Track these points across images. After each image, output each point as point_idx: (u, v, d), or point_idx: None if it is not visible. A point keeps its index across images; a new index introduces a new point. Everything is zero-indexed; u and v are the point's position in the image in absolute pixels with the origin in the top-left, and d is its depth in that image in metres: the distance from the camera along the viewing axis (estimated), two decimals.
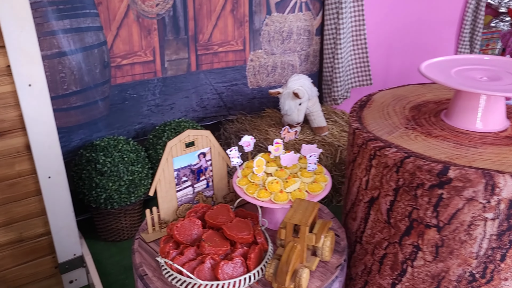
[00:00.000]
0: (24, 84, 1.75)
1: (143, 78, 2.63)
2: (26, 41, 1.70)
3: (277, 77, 3.10)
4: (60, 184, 1.97)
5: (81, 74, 2.40)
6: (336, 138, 2.82)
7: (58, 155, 1.92)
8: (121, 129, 2.66)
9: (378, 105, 1.55)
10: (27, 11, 1.66)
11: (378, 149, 1.26)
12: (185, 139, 1.40)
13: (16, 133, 1.81)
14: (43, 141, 1.86)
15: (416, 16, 3.41)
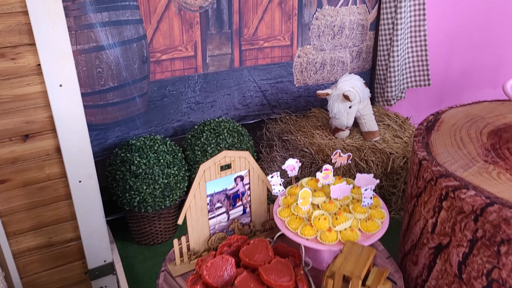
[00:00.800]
0: (55, 84, 1.63)
1: (183, 74, 2.48)
2: (58, 38, 1.58)
3: (325, 74, 2.88)
4: (90, 189, 1.86)
5: (119, 69, 2.28)
6: (388, 144, 2.58)
7: (90, 159, 1.81)
8: (159, 126, 2.54)
9: (449, 127, 1.31)
10: (59, 6, 1.54)
11: (451, 190, 1.04)
12: (221, 161, 1.24)
13: (46, 135, 1.71)
14: (74, 143, 1.75)
15: (487, 6, 3.06)
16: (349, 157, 1.51)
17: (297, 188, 1.42)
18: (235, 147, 2.41)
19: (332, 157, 1.50)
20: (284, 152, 2.56)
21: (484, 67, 3.27)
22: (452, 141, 1.23)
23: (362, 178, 1.36)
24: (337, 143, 2.55)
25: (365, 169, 2.46)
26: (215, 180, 1.25)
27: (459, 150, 1.18)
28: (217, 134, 2.41)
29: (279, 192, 1.36)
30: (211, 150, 2.37)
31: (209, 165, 1.21)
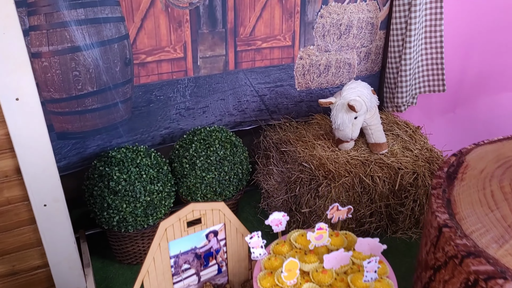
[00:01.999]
0: (10, 98, 1.41)
1: (172, 77, 2.24)
2: (11, 45, 1.34)
3: (330, 77, 2.62)
4: (58, 213, 1.65)
5: (98, 73, 2.05)
6: (397, 158, 2.33)
7: (55, 180, 1.59)
8: (145, 134, 2.31)
9: (476, 175, 1.05)
10: (11, 8, 1.30)
11: (483, 279, 0.80)
12: (187, 216, 1.01)
13: (3, 154, 1.49)
14: (36, 163, 1.53)
15: (507, 5, 2.78)
16: (350, 210, 1.27)
17: (284, 245, 1.19)
18: (227, 160, 2.18)
19: (328, 212, 1.26)
20: (282, 165, 2.33)
21: (503, 70, 2.99)
22: (481, 198, 0.97)
23: (364, 243, 1.12)
24: (340, 156, 2.31)
25: (371, 186, 2.22)
26: (181, 239, 1.03)
27: (490, 213, 0.93)
28: (207, 145, 2.17)
29: (260, 257, 1.13)
30: (200, 163, 2.14)
31: (171, 222, 0.99)
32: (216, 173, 2.15)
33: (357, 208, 2.28)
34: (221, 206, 1.05)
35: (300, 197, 2.19)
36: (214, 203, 1.04)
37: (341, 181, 2.18)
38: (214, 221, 1.08)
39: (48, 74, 1.96)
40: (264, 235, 2.41)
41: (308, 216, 2.21)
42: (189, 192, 2.21)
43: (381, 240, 2.43)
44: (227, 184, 2.20)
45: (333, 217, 1.25)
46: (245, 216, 2.56)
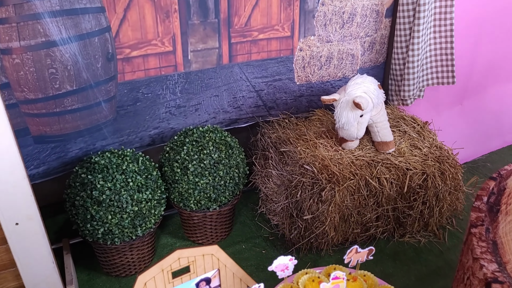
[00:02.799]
0: None
1: (160, 73, 2.05)
2: None
3: (332, 70, 2.43)
4: (32, 232, 1.47)
5: (78, 70, 1.85)
6: (405, 157, 2.16)
7: (28, 197, 1.41)
8: (132, 135, 2.12)
9: None
10: None
11: None
12: (172, 266, 0.83)
13: None
14: (4, 179, 1.34)
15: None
16: (371, 251, 1.10)
17: None
18: (222, 164, 2.00)
19: (346, 256, 1.09)
20: (282, 167, 2.15)
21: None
22: None
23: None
24: (345, 156, 2.13)
25: (377, 188, 2.05)
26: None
27: None
28: (200, 147, 1.99)
29: None
30: (193, 167, 1.95)
31: (152, 274, 0.82)
32: (210, 178, 1.97)
33: (363, 212, 2.12)
34: (215, 250, 0.87)
35: (302, 202, 2.02)
36: (205, 247, 0.87)
37: (346, 184, 2.01)
38: (206, 268, 0.90)
39: (21, 72, 1.76)
40: (263, 241, 2.26)
41: (310, 223, 2.04)
42: (181, 198, 2.03)
43: (388, 245, 2.30)
44: (222, 189, 2.02)
45: (351, 261, 1.08)
46: (242, 219, 2.39)
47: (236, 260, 2.13)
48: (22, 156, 1.40)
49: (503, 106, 2.96)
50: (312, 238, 2.09)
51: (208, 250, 0.86)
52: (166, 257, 0.80)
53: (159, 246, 2.21)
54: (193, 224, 2.14)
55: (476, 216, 0.85)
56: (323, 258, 2.16)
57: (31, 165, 1.94)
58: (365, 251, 1.07)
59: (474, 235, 0.81)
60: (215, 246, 0.86)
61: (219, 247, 0.87)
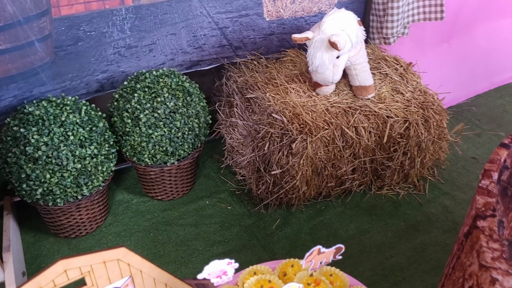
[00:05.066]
0: None
1: (104, 7, 1.74)
2: None
3: (306, 4, 2.14)
4: None
5: (1, 3, 1.54)
6: (385, 104, 1.95)
7: None
8: (76, 80, 1.84)
9: None
10: None
11: None
12: (56, 282, 0.60)
13: None
14: None
15: None
16: (339, 250, 0.89)
17: None
18: (179, 113, 1.76)
19: (304, 261, 0.87)
20: (248, 116, 1.92)
21: None
22: None
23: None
24: (319, 103, 1.91)
25: (354, 139, 1.85)
26: None
27: None
28: (153, 95, 1.73)
29: None
30: (145, 118, 1.71)
31: None
32: (165, 130, 1.74)
33: (338, 165, 1.93)
34: (121, 254, 0.65)
35: (270, 156, 1.81)
36: (106, 252, 0.63)
37: (320, 135, 1.80)
38: (111, 278, 0.69)
39: None
40: (229, 195, 2.08)
41: (280, 178, 1.85)
42: (134, 152, 1.80)
43: (365, 198, 2.14)
44: (180, 142, 1.79)
45: (312, 264, 0.88)
46: (207, 172, 2.19)
47: (199, 217, 1.96)
48: None
49: (492, 44, 2.73)
50: (281, 193, 1.91)
51: (111, 255, 0.64)
52: (45, 270, 0.58)
53: (114, 203, 2.01)
54: (150, 179, 1.93)
55: (484, 202, 0.63)
56: (294, 214, 1.99)
57: None
58: (331, 251, 0.86)
59: (482, 230, 0.60)
60: (122, 249, 0.65)
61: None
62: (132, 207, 2.00)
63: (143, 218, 1.95)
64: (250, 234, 1.90)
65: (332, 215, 2.00)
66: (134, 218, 1.95)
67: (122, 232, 1.89)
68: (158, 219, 1.95)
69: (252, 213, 1.99)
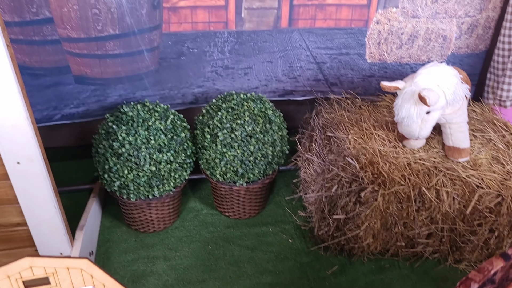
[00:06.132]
0: None
1: (208, 28, 1.87)
2: None
3: (414, 51, 2.05)
4: (33, 174, 1.44)
5: (121, 14, 1.75)
6: (479, 171, 1.77)
7: (29, 138, 1.37)
8: (174, 90, 2.01)
9: None
10: None
11: None
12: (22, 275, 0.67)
13: None
14: (4, 117, 1.31)
15: None
16: None
17: None
18: (255, 138, 1.80)
19: None
20: (325, 154, 1.89)
21: None
22: None
23: None
24: (402, 155, 1.81)
25: (434, 202, 1.71)
26: None
27: None
28: (235, 116, 1.81)
29: None
30: (222, 136, 1.79)
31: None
32: (239, 151, 1.80)
33: (410, 226, 1.80)
34: (84, 264, 0.69)
35: (337, 199, 1.76)
36: (70, 260, 0.69)
37: (394, 189, 1.70)
38: (74, 283, 0.74)
39: (64, 8, 1.71)
40: (293, 228, 2.05)
41: (343, 223, 1.78)
42: (208, 166, 1.89)
43: (437, 268, 1.95)
44: (251, 166, 1.84)
45: None
46: (279, 200, 2.20)
47: (258, 242, 1.98)
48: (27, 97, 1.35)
49: None
50: (343, 240, 1.84)
51: (74, 264, 0.69)
52: (14, 262, 0.66)
53: (186, 209, 2.13)
54: (220, 194, 2.01)
55: None
56: (353, 264, 1.90)
57: (71, 103, 1.93)
58: None
59: None
60: (84, 260, 0.69)
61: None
62: (200, 216, 2.10)
63: (206, 229, 2.03)
64: (302, 272, 1.86)
65: (395, 276, 1.87)
66: (199, 227, 2.04)
67: (184, 238, 1.99)
68: (220, 234, 2.01)
69: (310, 252, 1.94)
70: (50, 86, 1.85)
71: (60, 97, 1.88)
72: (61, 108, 1.91)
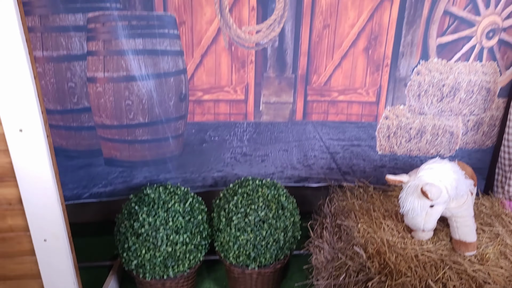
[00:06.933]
0: (14, 128, 1.35)
1: (229, 119, 2.05)
2: (18, 79, 1.28)
3: (423, 145, 2.16)
4: (58, 251, 1.56)
5: (151, 105, 1.95)
6: (486, 266, 1.79)
7: (57, 216, 1.50)
8: (195, 174, 2.15)
9: None
10: (19, 44, 1.24)
11: None
12: None
13: (7, 182, 1.45)
14: (37, 197, 1.46)
15: None
16: None
17: None
18: (268, 223, 1.90)
19: None
20: (335, 241, 1.96)
21: None
22: None
23: None
24: (409, 246, 1.86)
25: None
26: None
27: None
28: (249, 201, 1.92)
29: None
30: (236, 220, 1.89)
31: None
32: (252, 236, 1.89)
33: None
34: None
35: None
36: None
37: (400, 281, 1.73)
38: None
39: (101, 99, 1.92)
40: None
41: None
42: (222, 249, 1.98)
43: None
44: (263, 250, 1.91)
45: None
46: (291, 285, 2.23)
47: None
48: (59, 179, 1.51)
49: None
50: None
51: None
52: None
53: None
54: (233, 277, 2.07)
55: None
56: None
57: (100, 183, 2.09)
58: None
59: None
60: None
61: None
62: None
63: None
64: None
65: None
66: None
67: None
68: None
69: None
70: (82, 167, 2.02)
71: (90, 177, 2.05)
72: (90, 187, 2.07)
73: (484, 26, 1.92)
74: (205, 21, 1.84)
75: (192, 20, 1.85)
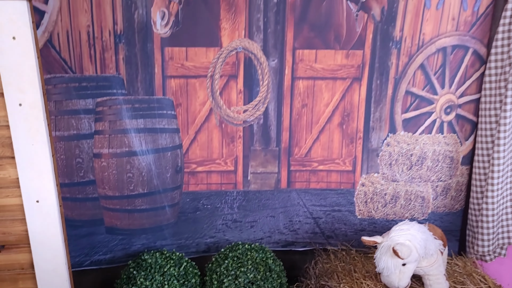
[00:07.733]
0: (32, 199, 1.55)
1: (220, 188, 2.26)
2: (38, 155, 1.51)
3: (398, 209, 2.37)
4: None
5: (150, 177, 2.17)
6: None
7: (64, 281, 1.66)
8: (189, 240, 2.32)
9: None
10: (41, 124, 1.48)
11: None
12: None
13: (22, 248, 1.62)
14: (48, 262, 1.63)
15: None
16: None
17: None
18: (256, 284, 2.05)
19: None
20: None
21: None
22: None
23: None
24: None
25: None
26: None
27: None
28: (239, 264, 2.08)
29: None
30: (227, 283, 2.04)
31: None
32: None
33: None
34: None
35: None
36: None
37: None
38: None
39: (106, 173, 2.14)
40: None
41: None
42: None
43: None
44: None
45: None
46: None
47: None
48: (68, 249, 1.68)
49: None
50: None
51: None
52: None
53: None
54: None
55: None
56: None
57: (100, 251, 2.25)
58: None
59: None
60: None
61: None
62: None
63: None
64: None
65: None
66: None
67: None
68: None
69: None
70: (85, 235, 2.19)
71: (92, 245, 2.21)
72: (91, 255, 2.22)
73: (442, 103, 2.21)
74: (198, 103, 2.12)
75: (188, 102, 2.12)
